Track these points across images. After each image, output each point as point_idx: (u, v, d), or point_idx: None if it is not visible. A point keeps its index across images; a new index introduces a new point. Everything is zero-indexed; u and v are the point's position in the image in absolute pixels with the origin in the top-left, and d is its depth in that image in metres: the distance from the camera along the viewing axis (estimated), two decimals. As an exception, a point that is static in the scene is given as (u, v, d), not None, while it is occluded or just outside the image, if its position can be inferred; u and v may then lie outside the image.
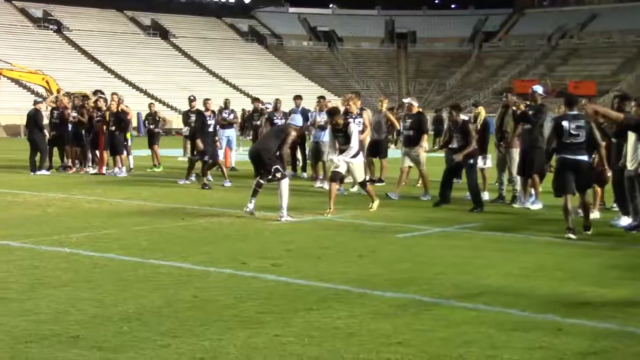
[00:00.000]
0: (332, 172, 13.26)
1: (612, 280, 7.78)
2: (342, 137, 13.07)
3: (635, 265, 8.72)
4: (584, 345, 5.56)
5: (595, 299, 6.98)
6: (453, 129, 13.83)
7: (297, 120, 13.13)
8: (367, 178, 14.26)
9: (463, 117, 14.22)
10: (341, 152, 13.02)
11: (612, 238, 10.46)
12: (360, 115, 16.32)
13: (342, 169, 12.96)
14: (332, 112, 13.48)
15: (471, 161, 13.53)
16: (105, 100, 20.44)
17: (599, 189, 12.51)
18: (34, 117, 20.64)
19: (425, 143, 15.76)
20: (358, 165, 13.14)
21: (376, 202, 13.06)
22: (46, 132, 20.86)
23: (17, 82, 57.36)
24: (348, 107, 16.12)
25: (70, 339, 5.61)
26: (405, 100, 15.95)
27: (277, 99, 19.98)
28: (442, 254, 9.13)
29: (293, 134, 12.49)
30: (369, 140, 16.89)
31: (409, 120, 15.26)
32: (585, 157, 10.67)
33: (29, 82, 55.80)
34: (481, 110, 14.96)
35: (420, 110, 15.90)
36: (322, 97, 18.51)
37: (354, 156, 12.98)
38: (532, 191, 13.37)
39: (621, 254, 9.43)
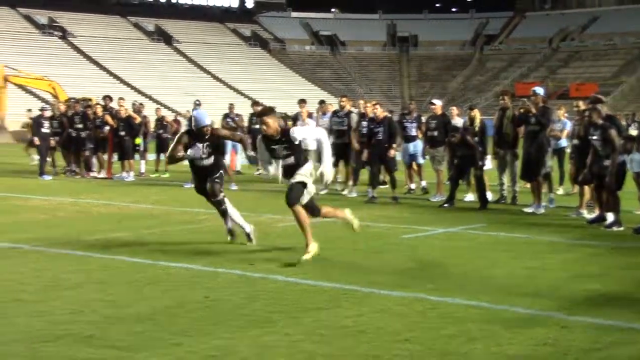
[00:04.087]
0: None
1: (616, 279, 7.90)
2: (283, 149, 8.91)
3: (638, 264, 8.83)
4: (589, 341, 5.65)
5: (600, 297, 7.10)
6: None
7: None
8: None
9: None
10: (285, 169, 8.97)
11: (615, 238, 10.57)
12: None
13: (312, 191, 9.04)
14: (262, 114, 9.18)
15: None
16: (103, 105, 20.78)
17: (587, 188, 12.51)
18: (34, 123, 21.46)
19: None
20: (305, 171, 8.94)
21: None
22: (43, 138, 20.73)
23: (23, 88, 57.54)
24: (374, 111, 14.99)
25: (85, 338, 5.73)
26: (436, 102, 16.22)
27: (410, 102, 16.45)
28: (447, 255, 9.24)
29: None
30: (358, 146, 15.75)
31: (434, 122, 15.58)
32: None
33: (35, 89, 55.99)
34: (476, 113, 15.09)
35: (445, 112, 16.27)
36: (322, 102, 18.63)
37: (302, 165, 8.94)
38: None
39: (624, 253, 9.54)
